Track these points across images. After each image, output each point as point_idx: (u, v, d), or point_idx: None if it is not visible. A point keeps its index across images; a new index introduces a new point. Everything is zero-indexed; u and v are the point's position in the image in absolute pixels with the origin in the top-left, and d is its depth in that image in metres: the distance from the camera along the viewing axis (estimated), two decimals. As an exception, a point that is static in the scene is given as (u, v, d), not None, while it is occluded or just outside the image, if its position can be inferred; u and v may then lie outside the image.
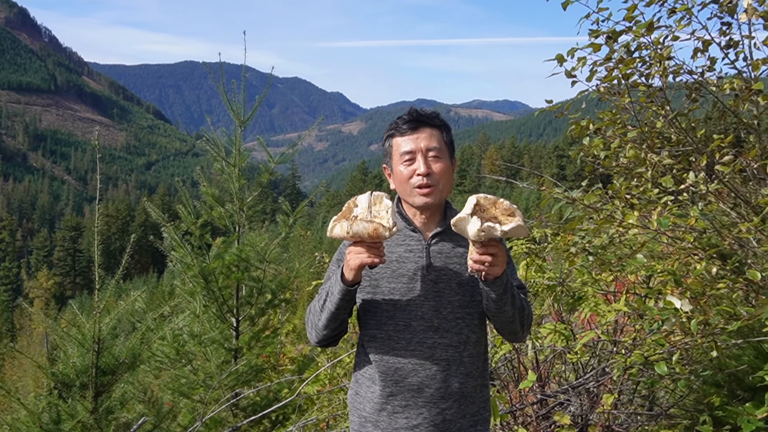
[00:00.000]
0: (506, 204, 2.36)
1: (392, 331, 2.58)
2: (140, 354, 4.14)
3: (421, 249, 2.61)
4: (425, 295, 2.57)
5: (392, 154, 2.64)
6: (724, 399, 3.84)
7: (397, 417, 2.57)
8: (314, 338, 2.66)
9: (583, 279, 4.56)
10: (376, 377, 2.61)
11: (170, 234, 5.63)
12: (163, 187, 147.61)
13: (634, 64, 4.25)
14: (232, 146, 6.12)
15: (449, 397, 2.57)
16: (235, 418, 5.40)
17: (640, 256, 3.63)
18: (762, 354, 3.96)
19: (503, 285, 2.42)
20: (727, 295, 3.83)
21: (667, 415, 4.23)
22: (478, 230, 2.23)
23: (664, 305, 3.43)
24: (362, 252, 2.35)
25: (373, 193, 2.45)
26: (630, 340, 4.35)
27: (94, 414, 3.87)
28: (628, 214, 3.80)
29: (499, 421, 3.85)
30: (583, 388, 4.22)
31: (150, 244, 10.61)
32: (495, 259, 2.32)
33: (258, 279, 5.88)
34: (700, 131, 4.40)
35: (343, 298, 2.47)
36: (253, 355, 5.68)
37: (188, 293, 5.69)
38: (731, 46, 4.26)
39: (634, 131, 4.32)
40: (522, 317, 2.57)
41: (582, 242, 4.25)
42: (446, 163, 2.60)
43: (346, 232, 2.33)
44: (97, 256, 4.08)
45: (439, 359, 2.56)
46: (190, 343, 5.58)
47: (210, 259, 5.62)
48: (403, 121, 2.62)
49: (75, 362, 3.90)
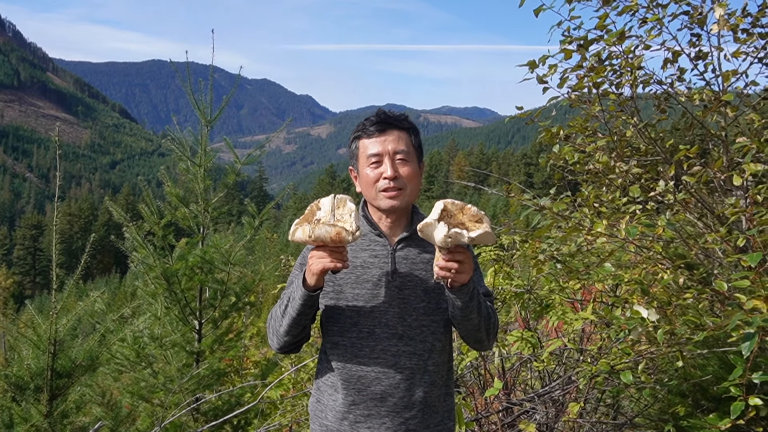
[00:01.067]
0: (474, 210, 2.31)
1: (355, 338, 2.51)
2: (98, 356, 4.03)
3: (386, 254, 2.54)
4: (390, 302, 2.50)
5: (359, 156, 2.57)
6: (689, 409, 3.83)
7: (359, 426, 2.50)
8: (275, 345, 2.58)
9: (550, 287, 4.55)
10: (339, 385, 2.54)
11: (132, 234, 5.52)
12: (128, 186, 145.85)
13: (605, 72, 4.25)
14: (198, 146, 6.02)
15: (413, 407, 2.50)
16: (196, 423, 5.29)
17: (608, 265, 3.61)
18: (726, 364, 3.97)
19: (469, 292, 2.36)
20: (693, 305, 3.83)
21: (631, 424, 4.22)
22: (444, 236, 2.18)
23: (631, 314, 3.42)
24: (325, 256, 2.28)
25: (336, 196, 2.37)
26: (596, 348, 4.34)
27: (48, 418, 3.76)
28: (597, 222, 3.78)
29: (464, 429, 3.81)
30: (549, 396, 4.20)
31: (113, 244, 10.54)
32: (461, 266, 2.26)
33: (222, 281, 5.78)
34: (669, 141, 4.41)
35: (305, 304, 2.39)
36: (215, 359, 5.57)
37: (150, 294, 5.58)
38: (700, 57, 4.29)
39: (603, 139, 4.32)
40: (488, 325, 2.52)
41: (550, 250, 4.24)
42: (414, 166, 2.53)
43: (308, 236, 2.26)
44: (55, 255, 3.97)
45: (403, 367, 2.49)
46: (150, 345, 5.47)
47: (173, 261, 5.52)
48: (371, 122, 2.55)
49: (29, 364, 3.78)
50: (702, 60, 4.28)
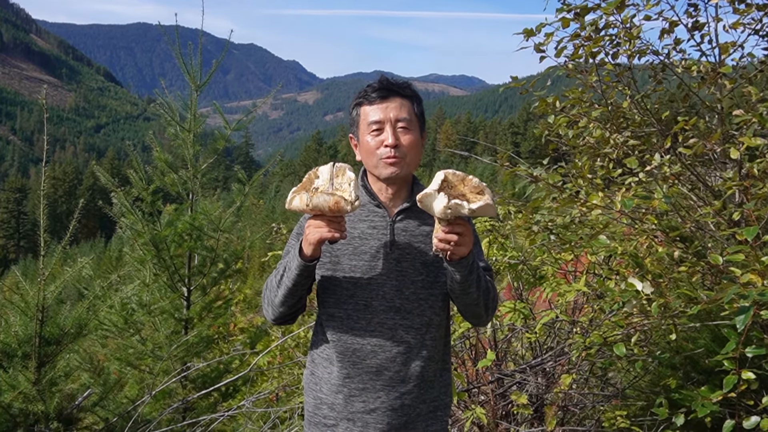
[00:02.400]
0: (475, 181, 2.24)
1: (351, 310, 2.46)
2: (87, 324, 3.99)
3: (385, 225, 2.49)
4: (387, 274, 2.45)
5: (359, 123, 2.50)
6: (680, 381, 3.85)
7: (353, 400, 2.46)
8: (270, 315, 2.54)
9: (542, 258, 4.53)
10: (334, 358, 2.50)
11: (120, 200, 5.44)
12: (113, 150, 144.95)
13: (602, 42, 4.20)
14: (187, 111, 5.93)
15: (409, 381, 2.46)
16: (185, 389, 5.27)
17: (602, 238, 3.59)
18: (718, 337, 3.98)
19: (469, 266, 2.31)
20: (686, 279, 3.82)
21: (622, 395, 4.23)
22: (444, 207, 2.12)
23: (625, 287, 3.41)
24: (322, 226, 2.23)
25: (335, 164, 2.30)
26: (587, 320, 4.34)
27: (36, 385, 3.72)
28: (592, 194, 3.76)
29: (456, 399, 3.80)
30: (541, 367, 4.20)
31: (98, 208, 10.46)
32: (461, 238, 2.21)
33: (211, 248, 5.73)
34: (664, 113, 4.38)
35: (301, 274, 2.34)
36: (204, 326, 5.55)
37: (138, 261, 5.53)
38: (697, 28, 4.24)
39: (598, 110, 4.28)
40: (487, 300, 2.47)
41: (544, 221, 4.21)
42: (416, 135, 2.47)
43: (305, 205, 2.21)
44: (43, 221, 3.90)
45: (400, 341, 2.45)
46: (138, 312, 5.43)
47: (161, 227, 5.46)
48: (373, 89, 2.48)
49: (17, 331, 3.73)
50: (699, 31, 4.24)
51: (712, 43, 4.22)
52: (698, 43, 4.26)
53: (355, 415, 2.46)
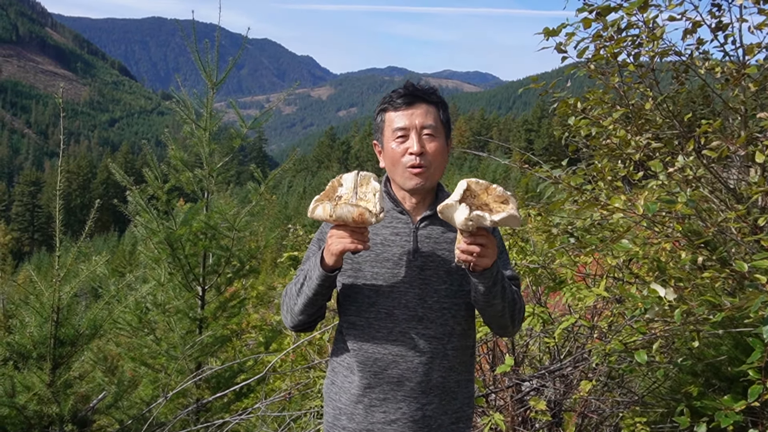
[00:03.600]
0: (499, 190, 2.18)
1: (373, 318, 2.41)
2: (102, 324, 3.96)
3: (408, 232, 2.44)
4: (410, 283, 2.40)
5: (384, 129, 2.46)
6: (701, 389, 3.78)
7: (374, 411, 2.42)
8: (290, 323, 2.49)
9: (561, 261, 4.47)
10: (354, 367, 2.45)
11: (135, 198, 5.41)
12: (126, 145, 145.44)
13: (624, 43, 4.14)
14: (203, 108, 5.89)
15: (430, 392, 2.42)
16: (198, 389, 5.25)
17: (625, 242, 3.53)
18: (741, 345, 3.91)
19: (492, 277, 2.25)
20: (710, 285, 3.75)
21: (642, 402, 4.17)
22: (465, 219, 2.06)
23: (648, 293, 3.35)
24: (345, 237, 2.18)
25: (360, 173, 2.26)
26: (606, 324, 4.28)
27: (51, 387, 3.69)
28: (614, 197, 3.69)
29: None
30: (559, 373, 4.14)
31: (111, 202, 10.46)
32: (484, 249, 2.15)
33: (226, 248, 5.69)
34: (687, 115, 4.31)
35: (322, 284, 2.29)
36: (218, 326, 5.51)
37: (153, 260, 5.50)
38: (720, 28, 4.18)
39: (620, 111, 4.22)
40: (513, 311, 2.41)
41: (563, 224, 4.15)
42: (441, 143, 2.42)
43: (328, 215, 2.15)
44: (59, 220, 3.87)
45: (422, 351, 2.40)
46: (153, 311, 5.40)
47: (176, 226, 5.42)
48: (398, 95, 2.43)
49: (32, 332, 3.70)
50: (722, 31, 4.17)
51: (736, 44, 4.16)
52: (722, 43, 4.19)
53: (375, 426, 2.42)
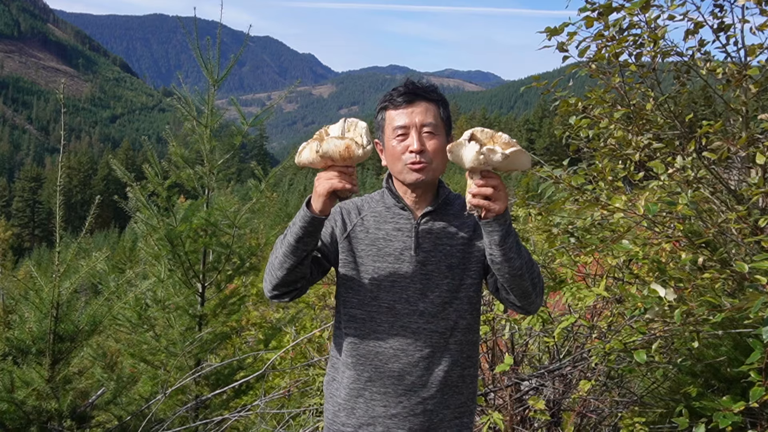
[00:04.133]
0: (505, 137, 2.12)
1: (375, 312, 2.41)
2: (101, 320, 3.95)
3: (409, 228, 2.44)
4: (412, 277, 2.40)
5: (384, 127, 2.46)
6: (700, 389, 3.78)
7: (374, 405, 2.42)
8: (268, 283, 2.41)
9: (561, 260, 4.46)
10: (355, 361, 2.45)
11: (136, 195, 5.41)
12: (127, 141, 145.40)
13: (626, 42, 4.14)
14: (204, 105, 5.88)
15: (431, 386, 2.41)
16: (198, 386, 5.25)
17: (625, 242, 3.53)
18: (740, 345, 3.91)
19: (506, 224, 2.19)
20: (710, 286, 3.75)
21: (640, 402, 4.17)
22: (477, 153, 2.03)
23: (648, 293, 3.34)
24: (332, 177, 2.15)
25: (347, 120, 2.23)
26: (606, 324, 4.28)
27: (50, 383, 3.69)
28: (615, 197, 3.69)
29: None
30: (558, 372, 4.14)
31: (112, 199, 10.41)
32: (496, 192, 2.11)
33: (226, 245, 5.69)
34: (688, 116, 4.31)
35: (305, 227, 2.23)
36: (218, 323, 5.52)
37: (153, 256, 5.50)
38: (722, 29, 4.17)
39: (620, 111, 4.22)
40: (532, 273, 2.33)
41: (564, 224, 4.15)
42: (441, 140, 2.41)
43: (315, 152, 2.12)
44: (59, 217, 3.87)
45: (423, 345, 2.39)
46: (153, 308, 5.40)
47: (177, 222, 5.42)
48: (398, 93, 2.42)
49: (32, 327, 3.70)
50: (724, 32, 4.17)
51: (738, 45, 4.15)
52: (724, 44, 4.19)
53: (376, 419, 2.42)
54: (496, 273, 2.36)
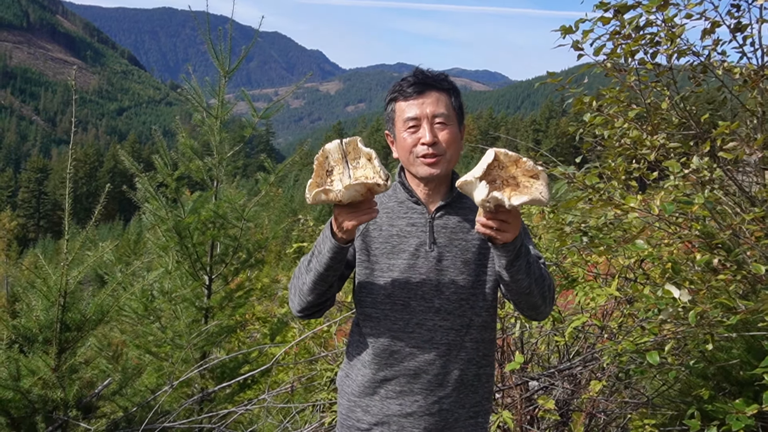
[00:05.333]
0: (530, 164, 2.02)
1: (389, 310, 2.36)
2: (108, 310, 3.92)
3: (424, 223, 2.38)
4: (427, 274, 2.34)
5: (395, 119, 2.40)
6: (711, 392, 3.74)
7: (389, 403, 2.37)
8: (297, 306, 2.40)
9: (573, 260, 4.42)
10: (370, 360, 2.40)
11: (144, 185, 5.37)
12: (134, 134, 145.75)
13: (642, 41, 4.10)
14: (214, 97, 5.85)
15: (448, 385, 2.36)
16: (203, 379, 5.22)
17: (640, 242, 3.48)
18: (753, 348, 3.86)
19: (515, 250, 2.14)
20: (724, 288, 3.71)
21: (651, 404, 4.13)
22: (483, 200, 1.95)
23: (662, 294, 3.30)
24: (353, 210, 2.08)
25: (343, 141, 2.12)
26: (617, 325, 4.24)
27: (56, 372, 3.66)
28: (629, 197, 3.64)
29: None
30: (569, 372, 4.10)
31: (118, 192, 10.43)
32: (504, 225, 2.04)
33: (234, 237, 5.66)
34: (704, 116, 4.27)
35: (334, 257, 2.19)
36: (224, 316, 5.48)
37: (161, 248, 5.46)
38: (740, 29, 4.13)
39: (635, 110, 4.18)
40: (542, 289, 2.29)
41: (576, 222, 4.11)
42: (454, 130, 2.36)
43: (336, 200, 2.02)
44: (68, 205, 3.84)
45: (439, 343, 2.34)
46: (159, 299, 5.37)
47: (185, 214, 5.39)
48: (408, 83, 2.36)
49: (38, 316, 3.67)
50: (741, 32, 4.13)
51: (755, 46, 4.11)
52: (740, 45, 4.15)
53: (391, 418, 2.37)
54: (504, 289, 2.34)
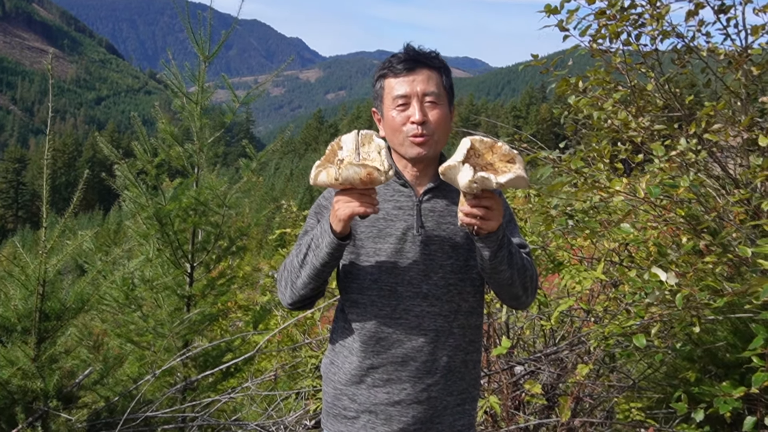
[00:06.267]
0: (505, 149, 2.03)
1: (376, 296, 2.30)
2: (89, 299, 3.85)
3: (411, 206, 2.32)
4: (414, 258, 2.28)
5: (383, 96, 2.32)
6: (698, 374, 3.74)
7: (377, 391, 2.31)
8: (288, 298, 2.35)
9: (558, 243, 4.40)
10: (356, 347, 2.34)
11: (124, 172, 5.27)
12: (113, 123, 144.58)
13: (626, 21, 4.09)
14: (194, 83, 5.76)
15: (436, 372, 2.31)
16: (185, 368, 5.15)
17: (626, 226, 3.46)
18: (739, 331, 3.87)
19: (498, 241, 2.11)
20: (711, 271, 3.70)
21: (637, 387, 4.13)
22: (469, 181, 1.93)
23: (649, 277, 3.29)
24: (352, 201, 2.04)
25: (360, 132, 2.10)
26: (602, 308, 4.22)
27: (35, 362, 3.58)
28: (615, 180, 3.62)
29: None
30: (555, 356, 4.09)
31: (97, 181, 10.27)
32: (489, 212, 2.02)
33: (216, 224, 5.58)
34: (688, 98, 4.26)
35: (332, 253, 2.16)
36: (207, 304, 5.41)
37: (141, 235, 5.37)
38: (723, 11, 4.13)
39: (620, 92, 4.16)
40: (524, 279, 2.27)
41: (562, 206, 4.08)
42: (444, 110, 2.29)
43: (333, 179, 2.01)
44: (45, 192, 3.76)
45: (427, 329, 2.29)
46: (140, 287, 5.29)
47: (166, 201, 5.30)
48: (398, 60, 2.29)
49: (17, 305, 3.59)
50: (725, 14, 4.12)
51: (738, 27, 4.11)
52: (724, 26, 4.14)
53: (378, 407, 2.31)
54: (486, 281, 2.31)
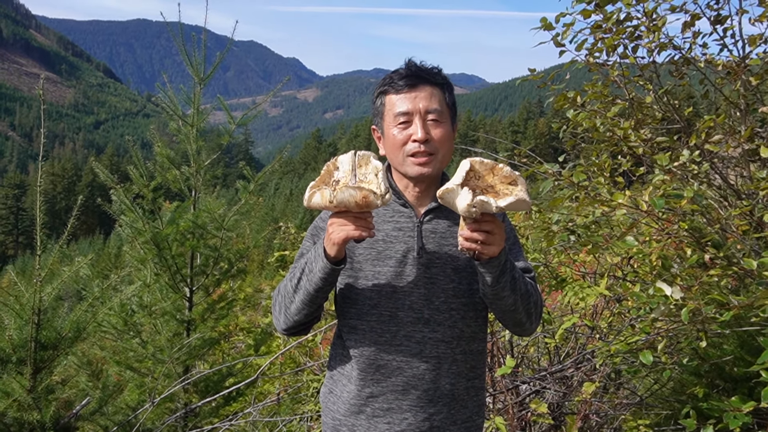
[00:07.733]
0: (506, 170, 1.95)
1: (375, 322, 2.21)
2: (85, 327, 3.79)
3: (411, 227, 2.24)
4: (415, 282, 2.19)
5: (384, 114, 2.24)
6: (706, 390, 3.67)
7: (377, 422, 2.22)
8: (283, 325, 2.27)
9: (560, 259, 4.34)
10: (355, 375, 2.25)
11: (120, 197, 5.23)
12: (112, 147, 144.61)
13: (623, 34, 4.07)
14: (190, 105, 5.73)
15: (438, 400, 2.22)
16: (186, 394, 5.08)
17: (630, 239, 3.41)
18: (746, 344, 3.80)
19: (500, 266, 2.03)
20: (715, 284, 3.64)
21: (645, 404, 4.06)
22: (468, 206, 1.86)
23: (654, 291, 3.23)
24: (347, 224, 1.96)
25: (357, 153, 2.03)
26: (606, 324, 4.16)
27: (31, 393, 3.52)
28: (617, 193, 3.57)
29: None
30: (561, 374, 4.02)
31: (97, 205, 10.31)
32: (489, 237, 1.94)
33: (215, 247, 5.52)
34: (687, 110, 4.23)
35: (326, 278, 2.07)
36: (207, 328, 5.34)
37: (138, 260, 5.32)
38: (719, 21, 4.10)
39: (619, 105, 4.13)
40: (527, 305, 2.19)
41: (563, 221, 4.03)
42: (447, 128, 2.21)
43: (328, 201, 1.92)
44: (39, 218, 3.71)
45: (429, 356, 2.20)
46: (139, 313, 5.23)
47: (163, 225, 5.25)
48: (400, 75, 2.21)
49: (12, 335, 3.53)
50: (721, 24, 4.10)
51: (735, 37, 4.08)
52: (721, 36, 4.11)
53: None
54: (488, 306, 2.22)
